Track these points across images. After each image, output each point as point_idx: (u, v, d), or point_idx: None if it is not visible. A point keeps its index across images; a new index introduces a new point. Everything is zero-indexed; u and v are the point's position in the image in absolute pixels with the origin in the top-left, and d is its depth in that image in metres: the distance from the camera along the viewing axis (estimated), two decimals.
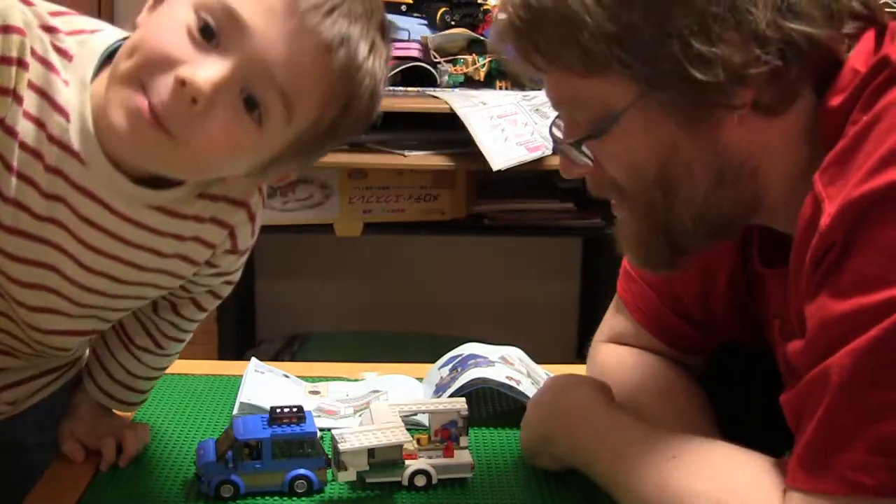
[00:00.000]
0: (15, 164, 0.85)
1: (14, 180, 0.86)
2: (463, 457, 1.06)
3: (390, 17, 2.26)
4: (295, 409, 1.02)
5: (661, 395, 1.05)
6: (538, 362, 1.31)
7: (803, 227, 0.80)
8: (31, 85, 0.84)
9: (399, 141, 2.05)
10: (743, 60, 0.79)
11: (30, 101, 0.84)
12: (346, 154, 2.01)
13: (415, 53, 2.11)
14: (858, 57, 0.82)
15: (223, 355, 2.27)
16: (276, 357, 2.50)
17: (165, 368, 1.15)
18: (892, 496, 0.73)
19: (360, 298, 2.71)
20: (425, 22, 2.16)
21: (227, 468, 0.99)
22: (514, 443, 1.15)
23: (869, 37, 0.83)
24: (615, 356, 1.12)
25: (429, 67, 2.11)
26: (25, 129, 0.85)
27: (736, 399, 1.06)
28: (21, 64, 0.82)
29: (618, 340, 1.14)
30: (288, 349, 2.56)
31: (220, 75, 0.80)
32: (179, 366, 1.35)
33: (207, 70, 0.80)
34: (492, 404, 1.24)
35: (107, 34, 0.90)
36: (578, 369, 1.41)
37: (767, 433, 0.88)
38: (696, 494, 0.85)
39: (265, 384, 1.23)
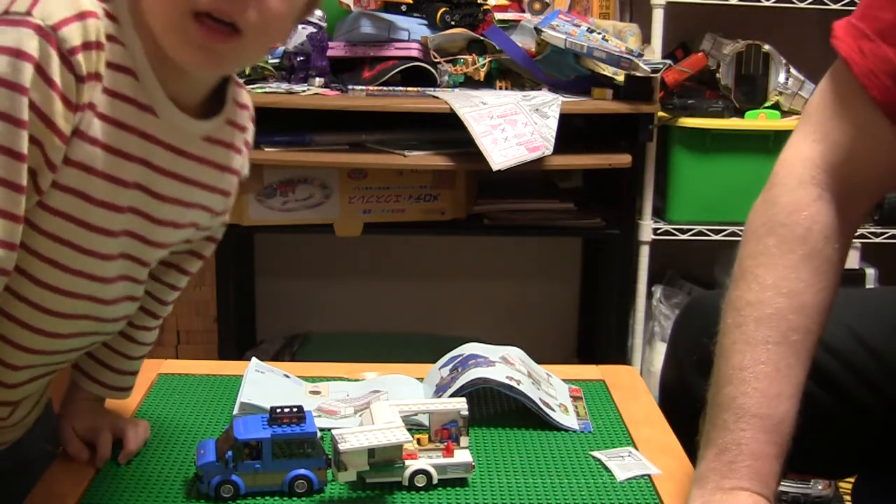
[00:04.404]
0: (104, 139, 0.89)
1: (106, 154, 0.89)
2: (463, 457, 1.06)
3: (390, 17, 2.26)
4: (295, 410, 1.02)
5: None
6: (538, 362, 1.31)
7: None
8: (108, 63, 0.87)
9: (399, 141, 2.05)
10: None
11: (108, 77, 0.88)
12: (346, 154, 2.01)
13: (415, 53, 2.10)
14: None
15: (223, 355, 2.27)
16: (276, 357, 2.50)
17: (152, 345, 1.16)
18: None
19: (360, 298, 2.71)
20: (425, 22, 2.15)
21: (227, 468, 0.99)
22: (514, 443, 1.15)
23: None
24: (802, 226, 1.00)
25: (429, 67, 2.10)
26: (105, 102, 0.88)
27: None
28: (99, 46, 0.86)
29: (827, 163, 1.00)
30: (288, 349, 2.56)
31: None
32: (179, 366, 1.35)
33: None
34: (492, 404, 1.24)
35: None
36: (579, 369, 1.41)
37: None
38: None
39: (265, 384, 1.23)
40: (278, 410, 1.01)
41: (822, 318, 1.01)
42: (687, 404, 1.06)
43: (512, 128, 1.94)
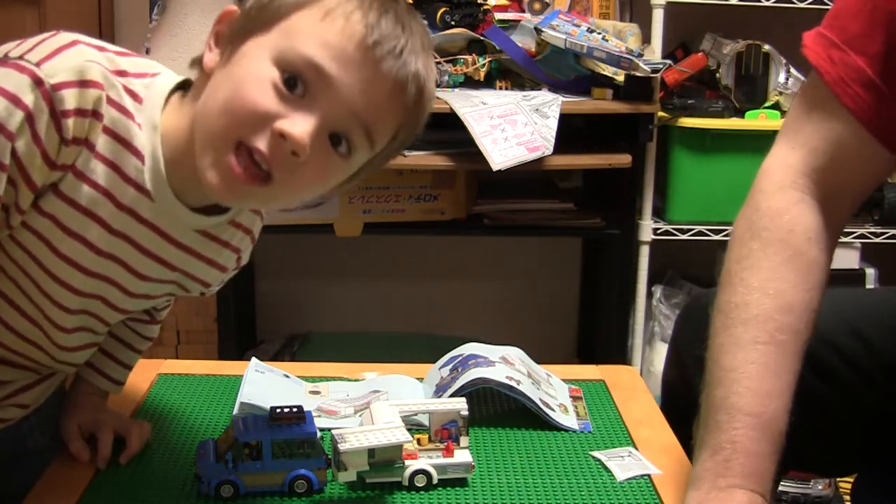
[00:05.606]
0: (83, 202, 0.90)
1: (80, 216, 0.90)
2: (463, 457, 1.06)
3: None
4: (295, 410, 1.02)
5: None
6: (538, 362, 1.31)
7: None
8: (105, 129, 0.88)
9: None
10: None
11: (103, 144, 0.89)
12: None
13: None
14: None
15: (223, 355, 2.27)
16: (276, 357, 2.50)
17: (153, 339, 1.18)
18: None
19: (360, 298, 2.71)
20: (425, 22, 2.15)
21: (227, 468, 0.99)
22: (514, 443, 1.15)
23: None
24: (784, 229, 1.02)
25: None
26: (98, 170, 0.89)
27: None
28: (95, 115, 0.87)
29: (807, 167, 1.03)
30: (288, 349, 2.56)
31: (315, 126, 0.86)
32: (179, 366, 1.35)
33: (302, 123, 0.85)
34: (492, 404, 1.24)
35: (165, 77, 0.95)
36: (579, 369, 1.41)
37: None
38: None
39: (265, 384, 1.23)
40: (278, 410, 1.01)
41: (810, 318, 1.02)
42: (689, 403, 1.06)
43: (512, 128, 1.94)
